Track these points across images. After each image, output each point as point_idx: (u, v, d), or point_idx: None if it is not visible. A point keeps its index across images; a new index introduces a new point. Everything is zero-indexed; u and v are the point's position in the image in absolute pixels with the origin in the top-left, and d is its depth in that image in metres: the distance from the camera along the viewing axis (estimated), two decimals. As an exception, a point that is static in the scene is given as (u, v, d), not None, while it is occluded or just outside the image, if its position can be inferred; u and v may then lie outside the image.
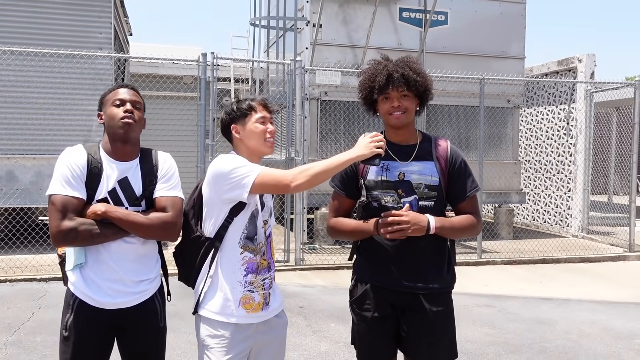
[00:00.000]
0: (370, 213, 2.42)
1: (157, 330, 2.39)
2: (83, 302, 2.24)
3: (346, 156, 2.22)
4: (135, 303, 2.29)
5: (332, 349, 4.64)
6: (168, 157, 2.44)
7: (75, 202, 2.19)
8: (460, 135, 10.08)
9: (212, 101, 7.43)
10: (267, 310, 2.34)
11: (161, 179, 2.35)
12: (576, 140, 10.73)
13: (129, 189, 2.29)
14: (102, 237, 2.19)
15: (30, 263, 7.07)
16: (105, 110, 2.32)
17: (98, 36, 8.24)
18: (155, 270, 2.38)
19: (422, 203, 2.38)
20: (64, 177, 2.20)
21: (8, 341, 4.65)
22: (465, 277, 7.39)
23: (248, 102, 2.36)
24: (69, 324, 2.26)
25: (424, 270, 2.38)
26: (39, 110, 7.96)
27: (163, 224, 2.25)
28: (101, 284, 2.24)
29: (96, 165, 2.26)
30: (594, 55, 10.71)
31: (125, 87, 2.37)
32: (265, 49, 12.34)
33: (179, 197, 2.35)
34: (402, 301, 2.40)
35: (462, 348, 4.69)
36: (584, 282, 7.36)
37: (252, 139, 2.33)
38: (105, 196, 2.25)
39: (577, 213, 10.71)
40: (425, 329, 2.39)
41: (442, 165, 2.42)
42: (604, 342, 4.91)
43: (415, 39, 9.86)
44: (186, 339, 4.79)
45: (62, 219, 2.15)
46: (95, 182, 2.25)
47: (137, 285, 2.29)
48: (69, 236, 2.15)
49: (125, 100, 2.31)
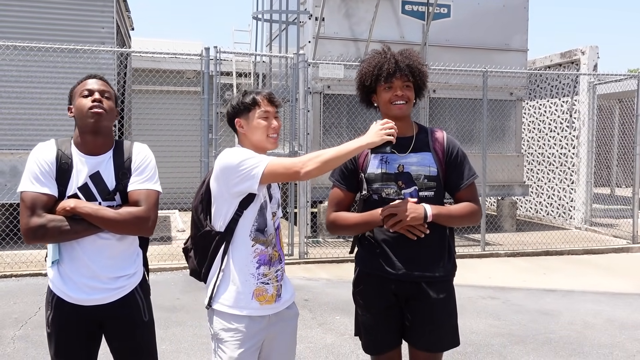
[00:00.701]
0: (370, 206, 2.43)
1: (142, 325, 2.34)
2: (61, 299, 2.22)
3: (357, 143, 2.22)
4: (113, 299, 2.25)
5: (338, 341, 4.66)
6: (143, 149, 2.37)
7: (45, 198, 2.15)
8: (463, 128, 10.07)
9: (215, 95, 7.43)
10: (280, 302, 2.35)
11: (135, 172, 2.28)
12: (579, 133, 10.72)
13: (102, 184, 2.24)
14: (73, 233, 2.15)
15: (35, 258, 7.10)
16: (74, 102, 2.27)
17: (100, 31, 8.23)
18: (135, 265, 2.33)
19: (422, 194, 2.39)
20: (33, 173, 2.17)
21: (16, 335, 4.69)
22: (469, 269, 7.41)
23: (252, 96, 2.34)
24: (50, 321, 2.25)
25: (426, 260, 2.40)
26: (42, 105, 7.97)
27: (134, 219, 2.19)
28: (77, 281, 2.20)
29: (66, 160, 2.22)
30: (597, 48, 10.68)
31: (93, 77, 2.31)
32: (267, 43, 12.32)
33: (154, 190, 2.28)
34: (405, 290, 2.41)
35: (467, 339, 4.72)
36: (588, 273, 7.38)
37: (255, 133, 2.33)
38: (75, 192, 2.21)
39: (580, 205, 10.71)
40: (428, 317, 2.41)
41: (440, 155, 2.44)
42: (608, 333, 4.93)
43: (418, 32, 9.84)
44: (192, 332, 4.82)
45: (30, 216, 2.12)
46: (65, 177, 2.20)
47: (114, 281, 2.25)
48: (38, 233, 2.12)
49: (94, 90, 2.25)
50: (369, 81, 2.44)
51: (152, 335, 2.40)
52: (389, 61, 2.38)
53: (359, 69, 2.53)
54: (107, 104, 2.25)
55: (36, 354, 4.27)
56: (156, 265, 6.99)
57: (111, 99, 2.29)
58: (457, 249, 2.64)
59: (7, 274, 6.65)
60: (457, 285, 2.56)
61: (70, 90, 2.32)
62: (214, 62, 7.48)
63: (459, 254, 8.10)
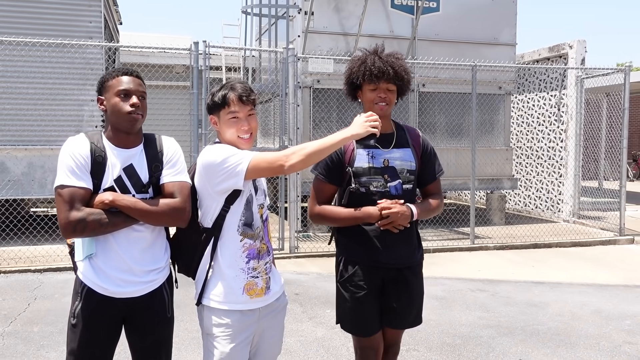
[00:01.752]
0: (356, 198, 2.57)
1: (165, 320, 2.36)
2: (92, 291, 2.23)
3: (341, 135, 2.24)
4: (143, 292, 2.27)
5: (329, 334, 4.68)
6: (173, 142, 2.40)
7: (82, 192, 2.16)
8: (453, 122, 10.11)
9: (205, 90, 7.40)
10: (269, 294, 2.36)
11: (167, 165, 2.31)
12: (567, 126, 10.80)
13: (135, 176, 2.26)
14: (112, 226, 2.17)
15: (24, 254, 7.06)
16: (107, 97, 2.25)
17: (88, 25, 8.16)
18: (165, 259, 2.35)
19: (404, 186, 2.61)
20: (69, 167, 2.16)
21: (5, 332, 4.66)
22: (459, 262, 7.46)
23: (223, 94, 2.28)
24: (77, 311, 2.24)
25: (404, 246, 2.64)
26: (29, 100, 7.90)
27: (172, 210, 2.22)
28: (110, 273, 2.22)
29: (100, 153, 2.22)
30: (585, 42, 10.74)
31: (129, 74, 2.28)
32: (257, 37, 12.27)
33: (187, 182, 2.31)
34: (389, 276, 2.63)
35: (456, 331, 4.76)
36: (575, 265, 7.46)
37: (226, 132, 2.31)
38: (111, 185, 2.22)
39: (569, 198, 10.80)
40: (409, 298, 2.68)
41: (418, 151, 2.68)
42: (595, 324, 5.00)
43: (407, 26, 9.85)
44: (183, 327, 4.82)
45: (70, 210, 2.12)
46: (100, 171, 2.21)
47: (146, 274, 2.27)
48: (78, 227, 2.12)
49: (131, 91, 2.23)
50: (357, 79, 2.60)
51: (171, 331, 2.43)
52: (378, 64, 2.54)
53: (349, 66, 2.67)
54: (143, 106, 2.27)
55: (25, 349, 4.24)
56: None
57: (146, 99, 2.31)
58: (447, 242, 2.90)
59: (-5, 271, 6.61)
60: (447, 278, 2.66)
61: (102, 80, 2.28)
62: (203, 56, 7.46)
63: (449, 247, 8.18)
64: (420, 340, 4.54)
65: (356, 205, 2.58)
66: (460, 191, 13.54)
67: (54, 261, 6.79)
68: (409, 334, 4.53)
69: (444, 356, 4.25)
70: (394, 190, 2.57)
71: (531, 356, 4.26)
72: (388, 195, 2.55)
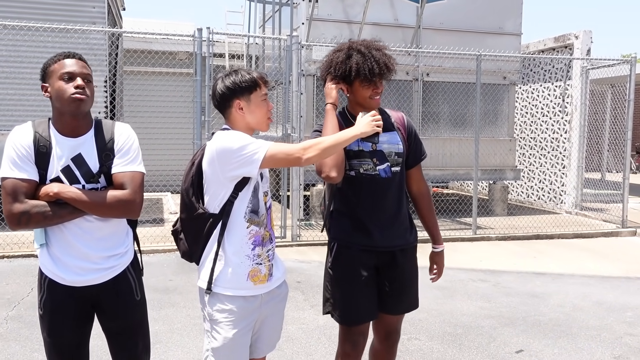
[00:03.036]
0: (348, 182, 2.62)
1: (134, 304, 2.34)
2: (53, 281, 2.21)
3: (352, 132, 2.32)
4: (105, 279, 2.24)
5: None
6: (126, 129, 2.30)
7: (25, 184, 2.11)
8: (456, 112, 10.08)
9: (208, 77, 7.38)
10: (272, 281, 2.37)
11: (118, 153, 2.22)
12: (571, 117, 10.75)
13: (85, 166, 2.18)
14: (57, 218, 2.11)
15: (27, 239, 7.08)
16: (51, 83, 2.17)
17: (91, 10, 8.13)
18: (126, 244, 2.31)
19: (393, 169, 2.63)
20: (11, 159, 2.12)
21: (8, 316, 4.69)
22: (460, 252, 7.47)
23: (252, 76, 2.29)
24: (42, 303, 2.24)
25: (396, 229, 2.66)
26: (32, 85, 7.85)
27: (119, 203, 2.15)
28: (68, 263, 2.18)
29: (44, 143, 2.15)
30: (591, 32, 10.67)
31: (72, 57, 2.20)
32: (260, 25, 12.22)
33: (139, 172, 2.24)
34: (383, 260, 2.64)
35: (457, 321, 4.78)
36: (577, 257, 7.46)
37: (256, 115, 2.30)
38: (57, 175, 2.16)
39: (571, 190, 10.78)
40: (403, 282, 2.69)
41: (403, 133, 2.71)
42: (597, 315, 5.00)
43: (412, 15, 9.78)
44: (185, 313, 4.84)
45: (12, 202, 2.08)
46: (44, 161, 2.14)
47: (105, 261, 2.23)
48: (22, 219, 2.08)
49: (75, 74, 2.16)
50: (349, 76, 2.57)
51: (144, 314, 2.40)
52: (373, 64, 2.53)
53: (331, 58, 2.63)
54: (89, 89, 2.18)
55: (29, 334, 4.28)
56: (149, 247, 7.00)
57: (91, 82, 2.22)
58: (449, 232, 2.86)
59: (-2, 255, 6.64)
60: (449, 268, 2.65)
61: (44, 66, 2.20)
62: (207, 43, 7.41)
63: (451, 237, 8.19)
64: (421, 329, 4.55)
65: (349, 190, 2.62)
66: (463, 181, 13.53)
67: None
68: (410, 323, 4.55)
69: (445, 345, 4.27)
70: (383, 173, 2.60)
71: (532, 346, 4.27)
72: (378, 178, 2.59)
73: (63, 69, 2.16)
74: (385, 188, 2.61)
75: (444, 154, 9.90)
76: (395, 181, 2.64)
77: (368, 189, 2.59)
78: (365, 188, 2.59)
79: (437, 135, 9.94)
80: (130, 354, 2.37)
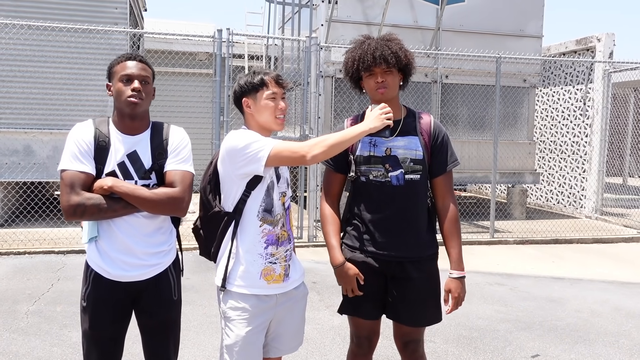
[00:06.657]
0: (359, 188, 2.54)
1: (171, 303, 2.41)
2: (99, 275, 2.29)
3: (360, 128, 2.29)
4: (149, 276, 2.32)
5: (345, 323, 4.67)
6: (180, 131, 2.41)
7: (83, 177, 2.20)
8: (475, 115, 10.01)
9: (227, 78, 7.44)
10: (288, 282, 2.39)
11: (171, 153, 2.32)
12: (592, 121, 10.61)
13: (139, 162, 2.28)
14: (111, 211, 2.20)
15: (48, 236, 7.21)
16: (113, 83, 2.29)
17: (114, 11, 8.25)
18: (169, 242, 2.39)
19: (408, 177, 2.47)
20: (72, 153, 2.22)
21: (29, 311, 4.78)
22: (478, 256, 7.42)
23: (260, 77, 2.34)
24: (86, 295, 2.32)
25: (408, 239, 2.49)
26: (55, 85, 8.03)
27: (169, 199, 2.23)
28: (114, 258, 2.26)
29: (103, 139, 2.26)
30: (614, 35, 10.52)
31: (133, 58, 2.30)
32: (280, 26, 12.27)
33: (189, 172, 2.32)
34: (392, 269, 2.52)
35: (473, 324, 4.75)
36: (597, 262, 7.36)
37: (262, 114, 2.34)
38: (113, 169, 2.25)
39: (592, 194, 10.64)
40: (413, 293, 2.52)
41: (426, 139, 2.51)
42: (615, 321, 4.94)
43: (432, 17, 9.75)
44: (202, 311, 4.89)
45: (70, 194, 2.16)
46: (103, 156, 2.24)
47: (150, 257, 2.31)
48: (78, 210, 2.17)
49: (133, 76, 2.25)
50: (351, 72, 2.55)
51: (179, 314, 2.48)
52: (366, 52, 2.46)
53: (343, 61, 2.62)
54: (145, 91, 2.28)
55: (49, 328, 4.35)
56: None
57: (150, 82, 2.32)
58: (466, 236, 2.74)
59: (20, 251, 6.75)
60: (465, 271, 2.59)
61: (109, 67, 2.32)
62: (227, 44, 7.48)
63: (468, 240, 8.13)
64: (436, 332, 4.54)
65: (360, 196, 2.55)
66: (481, 184, 13.43)
67: (77, 243, 6.92)
68: (426, 326, 4.53)
69: (460, 348, 4.25)
70: (395, 180, 2.46)
71: (548, 352, 4.23)
72: (388, 185, 2.46)
73: (123, 71, 2.26)
74: (396, 196, 2.46)
75: (462, 156, 9.84)
76: (410, 189, 2.47)
77: (377, 196, 2.49)
78: (374, 195, 2.50)
79: (455, 137, 9.88)
80: (162, 352, 2.44)
